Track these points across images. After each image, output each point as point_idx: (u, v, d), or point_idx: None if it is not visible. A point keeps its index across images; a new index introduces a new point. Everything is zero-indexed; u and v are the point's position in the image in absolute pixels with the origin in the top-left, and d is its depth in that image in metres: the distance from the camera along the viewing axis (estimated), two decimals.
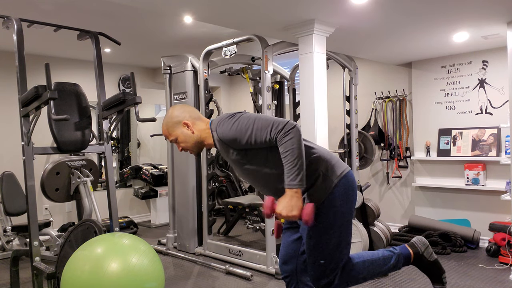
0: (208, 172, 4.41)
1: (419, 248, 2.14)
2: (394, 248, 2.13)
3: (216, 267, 4.01)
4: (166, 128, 2.12)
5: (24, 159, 2.84)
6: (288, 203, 1.81)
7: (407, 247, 2.14)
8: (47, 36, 4.31)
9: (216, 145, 2.07)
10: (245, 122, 1.91)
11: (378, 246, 4.08)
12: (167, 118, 2.13)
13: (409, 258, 2.13)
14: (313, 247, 1.96)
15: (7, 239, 4.35)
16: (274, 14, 3.15)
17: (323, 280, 1.97)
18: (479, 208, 4.58)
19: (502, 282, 3.44)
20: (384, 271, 2.08)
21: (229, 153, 2.01)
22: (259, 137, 1.87)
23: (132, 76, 3.05)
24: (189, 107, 2.17)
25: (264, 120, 1.90)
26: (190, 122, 2.09)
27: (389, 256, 2.08)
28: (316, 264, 1.97)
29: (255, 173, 2.01)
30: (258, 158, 1.97)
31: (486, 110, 4.54)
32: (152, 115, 7.15)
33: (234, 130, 1.91)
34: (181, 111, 2.12)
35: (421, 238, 2.17)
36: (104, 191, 3.57)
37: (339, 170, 1.98)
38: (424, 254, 2.14)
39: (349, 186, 1.99)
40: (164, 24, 4.16)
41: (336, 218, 1.95)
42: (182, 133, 2.09)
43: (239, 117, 1.95)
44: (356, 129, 4.58)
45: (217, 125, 2.00)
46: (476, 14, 3.30)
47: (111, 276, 2.20)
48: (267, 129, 1.85)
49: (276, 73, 5.01)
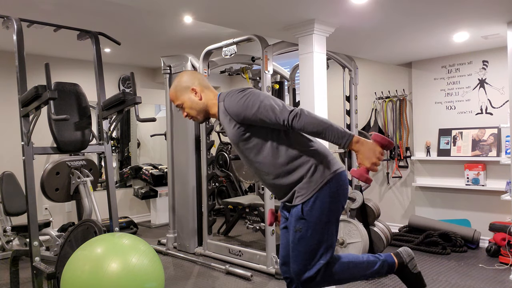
0: (208, 172, 4.41)
1: (404, 258, 2.16)
2: (380, 255, 2.16)
3: (216, 267, 4.01)
4: (174, 92, 2.13)
5: (24, 159, 2.84)
6: (365, 154, 1.81)
7: (392, 255, 2.17)
8: (47, 36, 4.31)
9: (220, 116, 2.07)
10: (253, 98, 1.93)
11: (378, 246, 4.08)
12: (177, 82, 2.14)
13: (393, 267, 2.15)
14: (298, 240, 1.99)
15: (7, 239, 4.35)
16: (274, 14, 3.15)
17: (305, 275, 1.99)
18: (479, 208, 4.58)
19: (502, 282, 3.44)
20: (366, 275, 2.11)
21: (231, 126, 2.01)
22: (265, 115, 1.89)
23: (132, 76, 3.05)
24: (200, 75, 2.18)
25: (272, 100, 1.92)
26: (199, 89, 2.10)
27: (374, 261, 2.11)
28: (299, 258, 1.99)
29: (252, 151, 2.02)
30: (258, 136, 1.99)
31: (486, 110, 4.53)
32: (152, 115, 7.15)
33: (242, 103, 1.93)
34: (191, 77, 2.13)
35: (407, 249, 2.20)
36: (104, 191, 3.57)
37: (334, 167, 2.00)
38: (408, 265, 2.16)
39: (341, 185, 2.01)
40: (164, 24, 4.16)
41: (324, 214, 1.97)
42: (189, 99, 2.10)
43: (249, 92, 1.97)
44: (356, 129, 4.58)
45: (225, 96, 2.03)
46: (476, 14, 3.29)
47: (111, 276, 2.20)
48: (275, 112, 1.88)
49: (276, 73, 5.00)
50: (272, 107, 1.89)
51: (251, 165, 2.09)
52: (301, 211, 1.96)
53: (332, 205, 1.98)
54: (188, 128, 4.57)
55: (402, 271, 2.16)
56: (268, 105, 1.89)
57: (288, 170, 1.98)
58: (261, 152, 2.00)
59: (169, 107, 4.80)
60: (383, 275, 2.16)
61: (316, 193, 1.95)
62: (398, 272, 2.17)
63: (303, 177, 1.97)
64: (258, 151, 2.00)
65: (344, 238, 3.88)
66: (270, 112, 1.88)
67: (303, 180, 1.97)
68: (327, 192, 1.96)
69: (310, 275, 1.98)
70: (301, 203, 1.96)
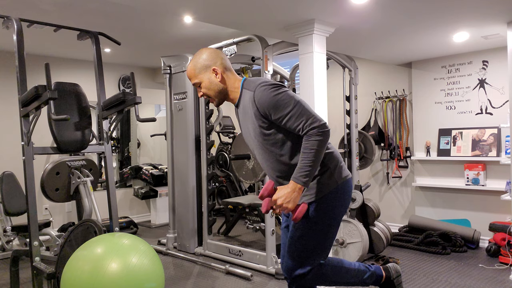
0: (208, 172, 4.41)
1: (392, 273, 2.26)
2: (370, 266, 2.24)
3: (216, 267, 4.01)
4: (193, 69, 2.01)
5: (24, 159, 2.84)
6: (288, 195, 1.84)
7: (381, 269, 2.26)
8: (47, 36, 4.31)
9: (241, 104, 2.01)
10: (287, 99, 1.87)
11: (378, 246, 4.08)
12: (197, 58, 2.01)
13: (380, 279, 2.24)
14: (297, 238, 2.01)
15: (7, 239, 4.35)
16: (274, 14, 3.15)
17: (297, 271, 2.02)
18: (479, 208, 4.58)
19: (502, 282, 3.44)
20: (354, 282, 2.17)
21: (254, 118, 1.95)
22: (292, 121, 1.86)
23: (132, 76, 3.05)
24: (223, 54, 2.06)
25: (304, 107, 1.88)
26: (220, 70, 2.00)
27: (364, 271, 2.18)
28: (295, 255, 2.02)
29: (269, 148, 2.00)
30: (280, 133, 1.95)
31: (486, 110, 4.53)
32: (152, 115, 7.14)
33: (275, 101, 1.87)
34: (213, 56, 2.01)
35: (396, 266, 2.30)
36: (104, 191, 3.57)
37: (345, 173, 2.04)
38: (394, 281, 2.25)
39: (348, 191, 2.05)
40: (164, 24, 4.16)
41: (328, 216, 1.99)
42: (209, 79, 2.00)
43: (284, 91, 1.90)
44: (356, 129, 4.58)
45: (256, 86, 1.92)
46: (476, 14, 3.30)
47: (111, 276, 2.20)
48: (303, 119, 1.84)
49: (276, 73, 5.00)
50: (302, 114, 1.85)
51: (263, 160, 2.07)
52: (306, 211, 1.97)
53: (337, 210, 2.01)
54: (188, 128, 4.57)
55: (388, 285, 2.25)
56: (300, 111, 1.85)
57: None
58: (279, 150, 1.98)
59: (169, 107, 4.80)
60: (368, 285, 2.23)
61: (325, 196, 1.97)
62: (383, 285, 2.26)
63: (315, 177, 1.97)
64: (276, 149, 1.98)
65: (344, 238, 3.88)
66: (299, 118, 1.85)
67: (313, 181, 1.97)
68: (335, 197, 1.99)
69: (303, 272, 2.02)
70: (307, 203, 1.98)
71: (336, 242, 3.89)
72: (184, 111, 4.60)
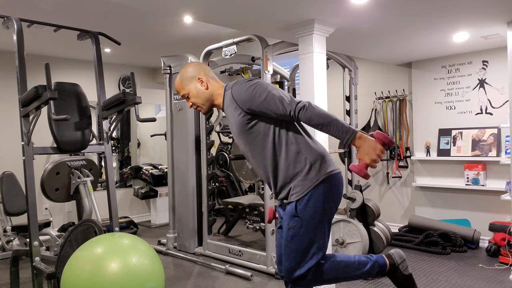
0: (208, 172, 4.41)
1: (395, 260, 2.15)
2: (371, 256, 2.16)
3: (216, 267, 4.01)
4: (180, 82, 2.16)
5: (24, 159, 2.84)
6: (365, 150, 1.85)
7: (384, 256, 2.17)
8: (47, 36, 4.31)
9: (225, 105, 2.11)
10: (262, 87, 1.97)
11: (378, 246, 4.08)
12: (183, 71, 2.17)
13: (384, 268, 2.14)
14: (291, 238, 2.01)
15: (7, 239, 4.35)
16: (274, 14, 3.15)
17: (296, 273, 2.00)
18: (479, 208, 4.58)
19: (502, 282, 3.44)
20: (357, 276, 2.10)
21: (236, 114, 2.04)
22: (271, 104, 1.93)
23: (132, 76, 3.05)
24: (206, 65, 2.23)
25: (280, 91, 1.97)
26: (205, 79, 2.14)
27: (365, 261, 2.11)
28: (291, 256, 2.01)
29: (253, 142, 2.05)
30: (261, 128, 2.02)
31: (486, 110, 4.53)
32: (152, 115, 7.15)
33: (250, 92, 1.97)
34: (197, 68, 2.17)
35: (399, 251, 2.20)
36: (104, 191, 3.57)
37: (330, 168, 2.03)
38: (400, 267, 2.15)
39: (336, 186, 2.03)
40: (164, 24, 4.16)
41: (317, 213, 1.98)
42: (196, 88, 2.14)
43: (257, 82, 2.01)
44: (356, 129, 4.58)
45: (233, 84, 2.07)
46: (476, 14, 3.30)
47: (111, 276, 2.20)
48: (282, 103, 1.92)
49: (276, 73, 5.00)
50: (280, 97, 1.94)
51: (251, 158, 2.11)
52: (295, 209, 1.99)
53: (326, 205, 2.00)
54: (188, 128, 4.57)
55: (393, 272, 2.16)
56: (276, 96, 1.94)
57: (286, 165, 2.01)
58: (262, 144, 2.03)
59: (169, 107, 4.80)
60: (374, 276, 2.16)
61: (311, 191, 1.97)
62: (389, 274, 2.17)
63: (298, 174, 1.99)
64: (259, 143, 2.03)
65: (344, 238, 3.88)
66: (278, 102, 1.93)
67: (298, 177, 1.99)
68: (321, 191, 1.98)
69: (301, 273, 2.00)
70: (295, 201, 1.99)
71: (336, 242, 3.89)
72: (184, 111, 4.60)
